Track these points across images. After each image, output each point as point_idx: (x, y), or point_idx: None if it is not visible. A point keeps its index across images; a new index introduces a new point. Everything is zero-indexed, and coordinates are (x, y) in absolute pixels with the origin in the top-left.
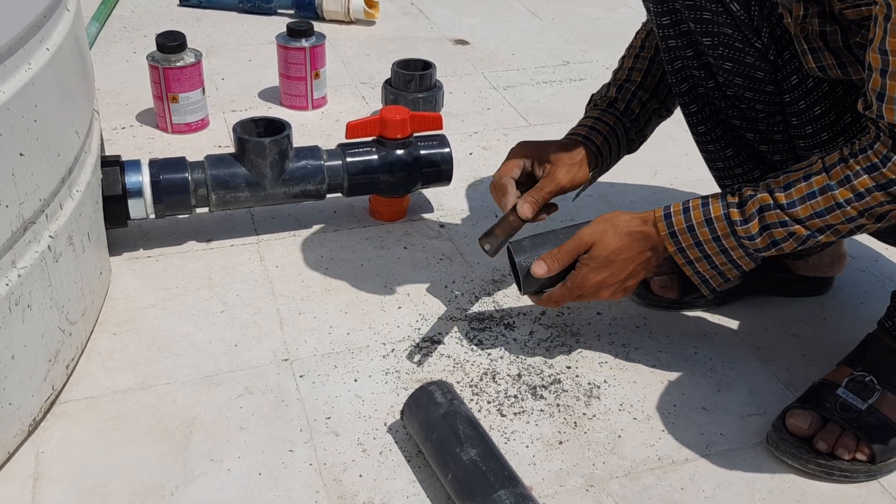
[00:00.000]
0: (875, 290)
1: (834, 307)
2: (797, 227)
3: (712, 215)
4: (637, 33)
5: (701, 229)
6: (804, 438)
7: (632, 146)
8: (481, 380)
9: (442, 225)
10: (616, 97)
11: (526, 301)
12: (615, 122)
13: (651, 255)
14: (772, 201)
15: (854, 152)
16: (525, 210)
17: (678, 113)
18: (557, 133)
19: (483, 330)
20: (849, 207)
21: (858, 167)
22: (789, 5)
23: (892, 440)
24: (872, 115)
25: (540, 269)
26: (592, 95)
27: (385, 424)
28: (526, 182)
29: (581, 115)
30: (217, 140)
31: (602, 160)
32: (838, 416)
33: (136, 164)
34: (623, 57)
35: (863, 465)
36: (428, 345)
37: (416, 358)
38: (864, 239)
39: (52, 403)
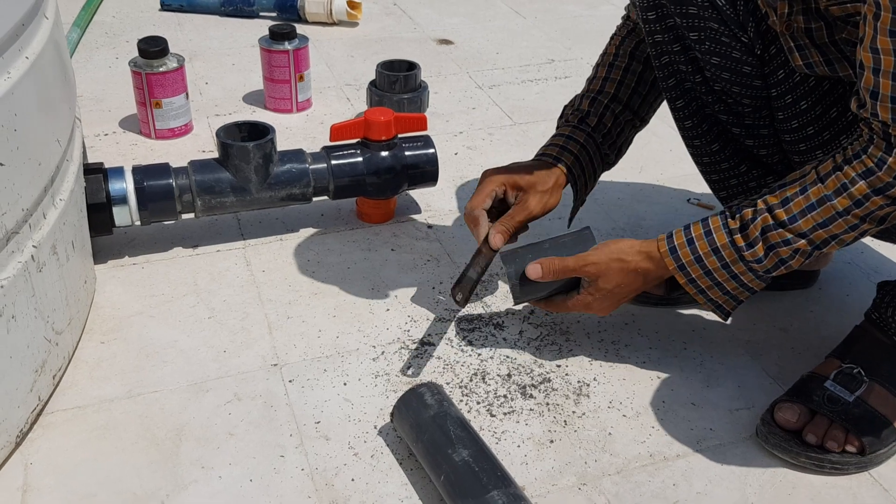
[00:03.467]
0: (861, 282)
1: (821, 300)
2: (801, 242)
3: (718, 244)
4: (612, 38)
5: (709, 259)
6: (793, 431)
7: (607, 160)
8: (471, 380)
9: (430, 226)
10: (588, 111)
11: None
12: (586, 140)
13: (653, 284)
14: (772, 221)
15: (848, 158)
16: (496, 241)
17: (665, 108)
18: (543, 131)
19: (472, 330)
20: (849, 216)
21: (854, 173)
22: (774, 3)
23: (881, 432)
24: (867, 113)
25: (534, 272)
26: (564, 108)
27: (375, 427)
28: (499, 207)
29: None
30: (201, 145)
31: (576, 179)
32: (826, 408)
33: (119, 172)
34: (597, 65)
35: (853, 457)
36: (417, 346)
37: (406, 360)
38: None
39: (40, 414)
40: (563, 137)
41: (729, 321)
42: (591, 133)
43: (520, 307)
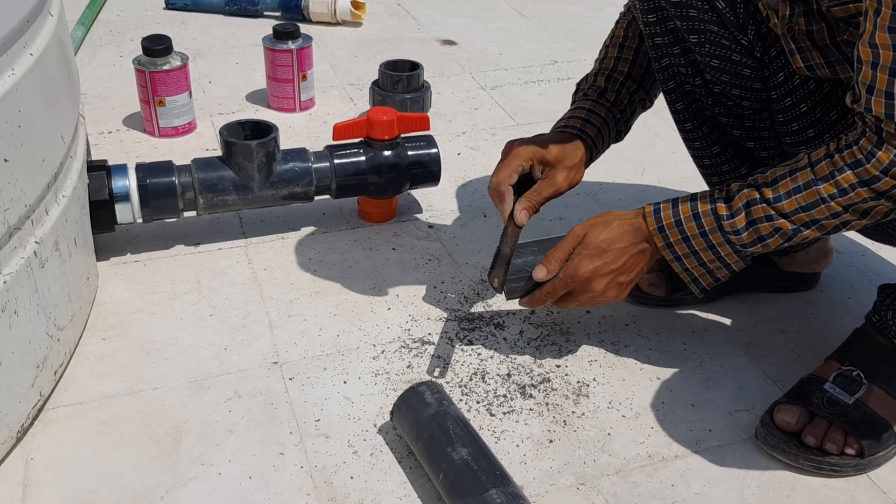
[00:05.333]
0: (862, 285)
1: (821, 302)
2: (782, 221)
3: (699, 210)
4: (617, 23)
5: (688, 224)
6: (792, 433)
7: (619, 136)
8: (471, 380)
9: (431, 226)
10: (605, 87)
11: (516, 301)
12: (606, 114)
13: (645, 247)
14: (758, 195)
15: (840, 147)
16: (522, 217)
17: (666, 112)
18: (546, 131)
19: (473, 330)
20: (832, 202)
21: (843, 163)
22: (775, 5)
23: (880, 434)
24: (860, 108)
25: (540, 272)
26: (579, 83)
27: (375, 426)
28: (524, 181)
29: None
30: (204, 143)
31: (595, 153)
32: (825, 410)
33: (122, 169)
34: (606, 45)
35: (852, 459)
36: (418, 346)
37: (406, 359)
38: (850, 234)
39: (41, 410)
40: (584, 111)
41: (701, 296)
42: (610, 108)
43: (520, 308)
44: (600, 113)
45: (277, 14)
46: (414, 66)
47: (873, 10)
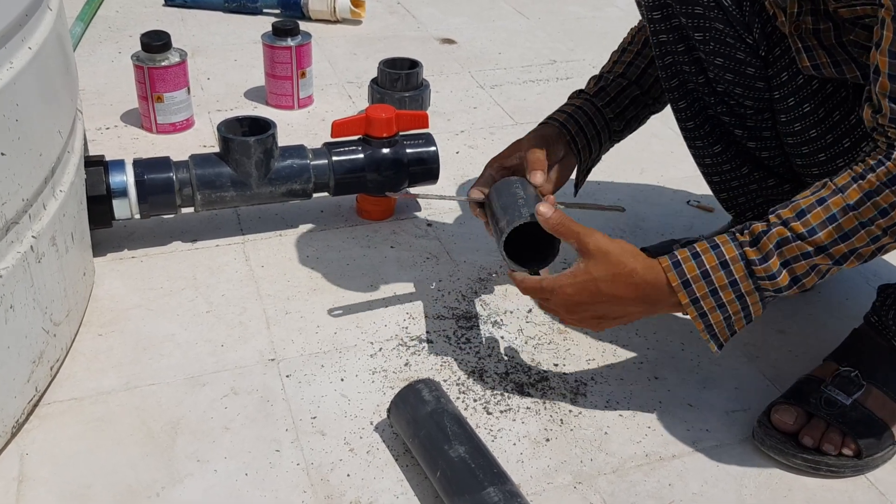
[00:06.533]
0: (860, 286)
1: (820, 303)
2: (821, 256)
3: (727, 257)
4: (631, 29)
5: (716, 274)
6: (790, 434)
7: (612, 126)
8: (468, 378)
9: (429, 224)
10: (591, 86)
11: (514, 300)
12: (583, 102)
13: (640, 309)
14: (789, 233)
15: (871, 167)
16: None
17: (665, 112)
18: None
19: (471, 328)
20: (873, 226)
21: (878, 182)
22: (783, 4)
23: (878, 435)
24: (884, 119)
25: (546, 208)
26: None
27: (372, 424)
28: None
29: None
30: (202, 140)
31: (574, 137)
32: (823, 411)
33: (120, 164)
34: (613, 52)
35: (850, 460)
36: (415, 343)
37: (404, 357)
38: None
39: (36, 405)
40: (558, 110)
41: (719, 353)
42: (589, 98)
43: (518, 307)
44: (575, 103)
45: (277, 11)
46: (413, 65)
47: (890, 17)
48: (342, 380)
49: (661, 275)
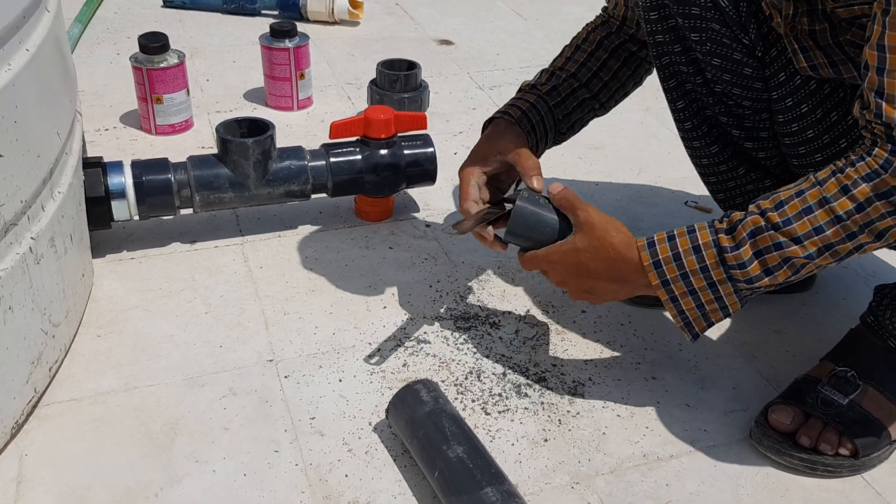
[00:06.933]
0: (857, 286)
1: (817, 303)
2: (794, 248)
3: (700, 242)
4: (585, 25)
5: (688, 258)
6: (787, 434)
7: (559, 128)
8: (466, 378)
9: (428, 225)
10: (544, 81)
11: (511, 300)
12: (536, 100)
13: (620, 284)
14: (763, 222)
15: (851, 162)
16: (537, 182)
17: (663, 112)
18: None
19: (468, 329)
20: (849, 221)
21: (856, 175)
22: (779, 4)
23: (874, 435)
24: (870, 115)
25: (538, 182)
26: (523, 83)
27: (370, 424)
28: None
29: None
30: (201, 141)
31: (532, 134)
32: (820, 411)
33: (118, 166)
34: (565, 46)
35: (846, 459)
36: (413, 344)
37: (402, 357)
38: None
39: (35, 406)
40: (508, 104)
41: (693, 343)
42: (542, 96)
43: (516, 307)
44: (529, 99)
45: (275, 13)
46: (411, 66)
47: (881, 10)
48: (340, 380)
49: (635, 253)
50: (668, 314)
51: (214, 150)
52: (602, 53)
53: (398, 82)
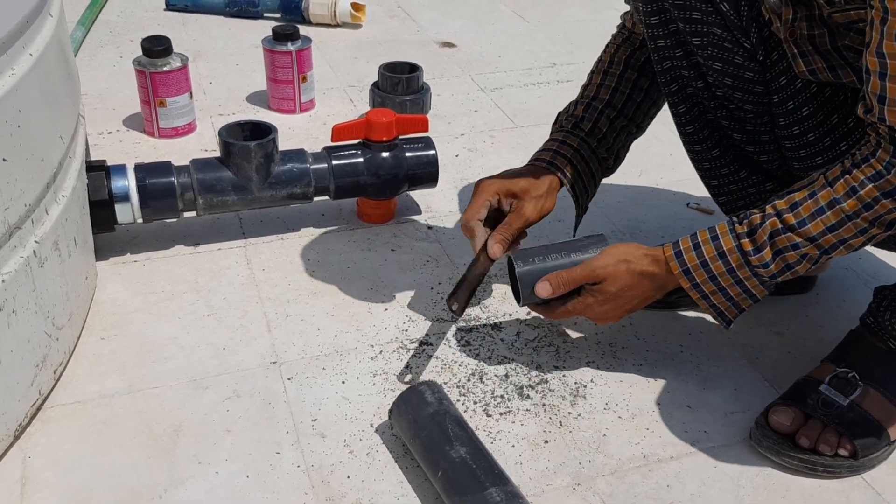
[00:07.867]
0: (858, 288)
1: (818, 305)
2: (810, 247)
3: (724, 248)
4: (607, 47)
5: (714, 263)
6: (787, 435)
7: (605, 164)
8: (468, 380)
9: (430, 227)
10: (583, 116)
11: (513, 302)
12: (580, 144)
13: (657, 293)
14: (781, 224)
15: (856, 162)
16: (495, 250)
17: (665, 113)
18: (544, 134)
19: (470, 331)
20: (859, 219)
21: (863, 177)
22: (778, 9)
23: (874, 436)
24: (874, 118)
25: (544, 290)
26: (559, 114)
27: (372, 426)
28: (496, 216)
29: None
30: (204, 144)
31: (573, 183)
32: (820, 412)
33: (121, 169)
34: (592, 72)
35: (846, 460)
36: (415, 346)
37: (404, 359)
38: None
39: (39, 408)
40: (556, 143)
41: (730, 328)
42: (584, 138)
43: (517, 309)
44: (572, 144)
45: (277, 16)
46: (413, 68)
47: (879, 18)
48: (343, 382)
49: (664, 265)
50: (701, 309)
51: (217, 154)
52: (631, 74)
53: (400, 85)
